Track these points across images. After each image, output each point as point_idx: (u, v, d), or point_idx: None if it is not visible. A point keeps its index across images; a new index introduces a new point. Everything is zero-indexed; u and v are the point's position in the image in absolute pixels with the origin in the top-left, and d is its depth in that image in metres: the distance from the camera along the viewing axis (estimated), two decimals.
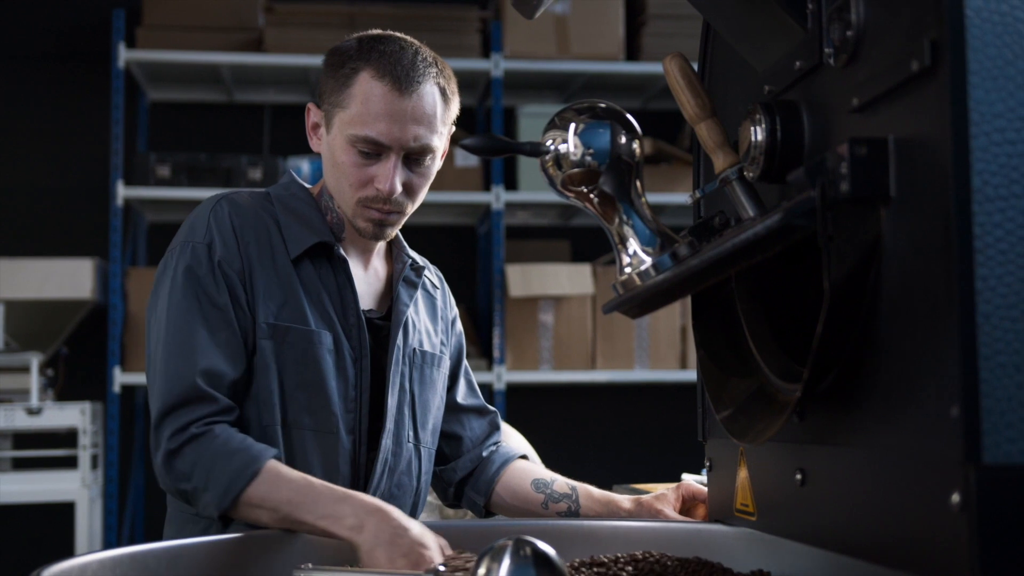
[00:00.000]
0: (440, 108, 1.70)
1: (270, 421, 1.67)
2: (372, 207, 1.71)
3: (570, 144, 1.28)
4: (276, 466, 1.56)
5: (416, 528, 1.43)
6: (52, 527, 4.17)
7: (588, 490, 1.82)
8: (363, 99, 1.66)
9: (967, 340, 0.91)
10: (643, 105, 5.12)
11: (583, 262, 4.67)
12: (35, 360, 4.02)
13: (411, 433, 1.80)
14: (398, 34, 1.75)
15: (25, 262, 4.25)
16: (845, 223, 1.07)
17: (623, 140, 1.29)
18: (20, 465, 4.13)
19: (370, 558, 1.41)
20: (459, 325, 1.99)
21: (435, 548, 1.41)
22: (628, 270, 1.27)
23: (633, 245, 1.27)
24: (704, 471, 1.66)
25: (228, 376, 1.64)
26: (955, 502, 0.92)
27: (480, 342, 4.71)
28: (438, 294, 1.94)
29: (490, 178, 4.62)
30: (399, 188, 1.69)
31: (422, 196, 1.76)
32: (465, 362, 2.00)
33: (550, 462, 2.18)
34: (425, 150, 1.69)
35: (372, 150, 1.68)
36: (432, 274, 1.96)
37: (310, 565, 1.29)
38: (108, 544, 4.13)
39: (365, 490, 1.74)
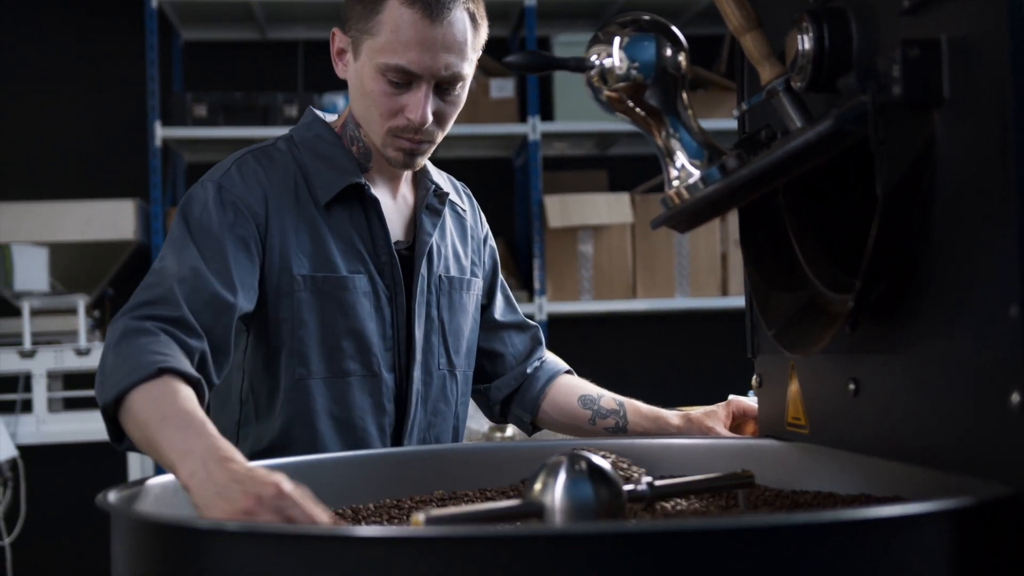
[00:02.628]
0: (471, 35, 1.68)
1: (304, 374, 1.68)
2: (403, 137, 1.69)
3: (615, 58, 1.26)
4: (175, 384, 1.35)
5: (253, 479, 1.13)
6: (105, 464, 4.23)
7: (636, 406, 1.82)
8: (393, 27, 1.63)
9: None
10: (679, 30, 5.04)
11: (622, 191, 4.64)
12: (81, 302, 4.06)
13: (443, 360, 1.80)
14: None
15: (68, 205, 4.28)
16: (898, 127, 1.06)
17: (668, 52, 1.27)
18: (72, 405, 4.19)
19: (207, 512, 1.14)
20: (492, 241, 1.97)
21: (270, 495, 1.10)
22: (676, 183, 1.26)
23: (681, 158, 1.26)
24: (750, 392, 1.66)
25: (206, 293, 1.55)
26: (1015, 402, 0.91)
27: (520, 274, 4.71)
28: (467, 215, 1.92)
29: (526, 109, 4.58)
30: (431, 118, 1.67)
31: (451, 123, 1.74)
32: (501, 278, 1.98)
33: None
34: (456, 78, 1.67)
35: (403, 79, 1.65)
36: (460, 195, 1.94)
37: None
38: None
39: (403, 422, 1.76)
